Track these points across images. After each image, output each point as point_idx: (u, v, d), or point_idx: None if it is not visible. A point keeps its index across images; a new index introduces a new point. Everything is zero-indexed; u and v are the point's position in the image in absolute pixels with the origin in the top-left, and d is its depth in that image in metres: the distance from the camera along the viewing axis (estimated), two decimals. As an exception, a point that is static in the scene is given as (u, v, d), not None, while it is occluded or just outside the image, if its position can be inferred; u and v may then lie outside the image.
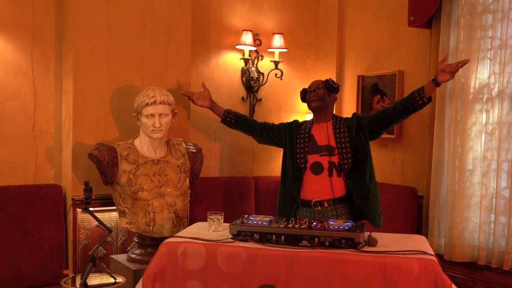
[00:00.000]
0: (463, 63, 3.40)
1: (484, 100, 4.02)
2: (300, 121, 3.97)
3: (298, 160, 3.69)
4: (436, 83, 3.43)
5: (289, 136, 3.84)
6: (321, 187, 3.64)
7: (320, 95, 3.70)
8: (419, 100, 3.45)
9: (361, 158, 3.64)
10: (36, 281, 3.97)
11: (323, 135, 3.71)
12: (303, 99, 3.85)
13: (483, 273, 3.98)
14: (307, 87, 3.84)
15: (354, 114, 3.83)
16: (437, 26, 4.32)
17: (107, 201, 3.96)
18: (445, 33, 4.25)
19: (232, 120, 4.00)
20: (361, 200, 3.62)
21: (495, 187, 3.91)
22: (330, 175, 3.62)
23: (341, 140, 3.65)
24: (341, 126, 3.70)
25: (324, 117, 3.74)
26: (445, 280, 2.60)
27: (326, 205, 3.62)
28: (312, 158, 3.67)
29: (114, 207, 3.89)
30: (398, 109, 3.57)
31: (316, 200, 3.63)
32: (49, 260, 4.02)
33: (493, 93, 3.94)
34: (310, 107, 3.80)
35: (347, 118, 3.79)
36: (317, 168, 3.66)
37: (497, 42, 3.95)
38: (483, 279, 3.98)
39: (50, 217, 4.07)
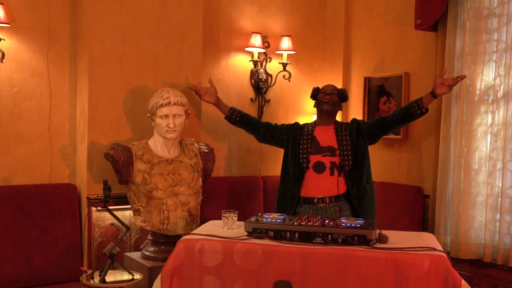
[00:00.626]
0: (461, 78, 3.73)
1: (490, 102, 4.10)
2: (301, 123, 4.11)
3: (300, 160, 3.83)
4: (434, 95, 3.71)
5: (291, 137, 3.97)
6: (323, 184, 3.80)
7: (333, 101, 3.90)
8: (417, 110, 3.72)
9: (360, 161, 3.82)
10: (52, 279, 4.03)
11: (326, 137, 3.88)
12: (314, 96, 3.98)
13: (489, 270, 4.06)
14: (319, 87, 3.99)
15: (353, 120, 4.02)
16: (443, 29, 4.40)
17: (120, 200, 4.01)
18: (451, 36, 4.33)
19: (237, 117, 4.11)
20: (357, 200, 3.80)
21: (500, 186, 4.00)
22: (332, 174, 3.79)
23: (342, 142, 3.82)
24: (343, 130, 3.89)
25: (328, 121, 3.94)
26: (455, 276, 2.68)
27: (328, 201, 3.77)
28: (315, 158, 3.82)
29: (128, 206, 3.97)
30: (397, 117, 3.82)
31: (319, 197, 3.77)
32: (65, 258, 4.09)
33: (498, 94, 4.02)
34: (320, 108, 3.93)
35: (347, 123, 3.99)
36: (319, 167, 3.81)
37: (502, 45, 4.03)
38: (488, 276, 4.06)
39: (66, 216, 4.13)
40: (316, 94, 3.96)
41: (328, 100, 3.87)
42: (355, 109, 5.27)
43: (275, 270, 2.86)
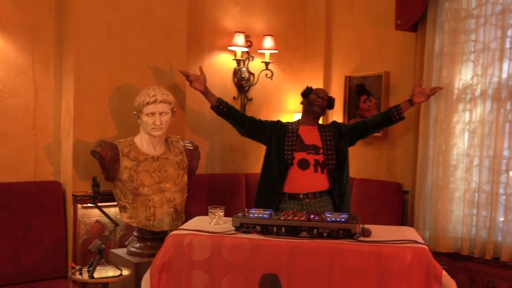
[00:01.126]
0: (439, 88, 3.97)
1: (467, 100, 4.22)
2: (283, 121, 4.20)
3: (285, 156, 3.91)
4: (411, 103, 3.95)
5: (275, 134, 4.05)
6: (308, 181, 3.90)
7: (324, 106, 4.06)
8: (396, 116, 3.93)
9: (342, 161, 3.95)
10: (37, 276, 4.03)
11: (310, 136, 3.98)
12: (305, 95, 4.08)
13: (466, 263, 4.19)
14: (312, 87, 4.12)
15: (334, 122, 4.18)
16: (422, 30, 4.50)
17: (106, 197, 4.01)
18: (430, 37, 4.44)
19: (224, 108, 4.11)
20: (339, 198, 3.92)
21: (477, 182, 4.13)
22: (316, 171, 3.89)
23: (327, 142, 3.95)
24: (326, 131, 4.02)
25: (313, 122, 4.10)
26: (437, 267, 2.77)
27: (312, 197, 3.88)
28: (299, 155, 3.92)
29: (113, 203, 3.98)
30: (376, 121, 4.05)
31: (305, 192, 3.87)
32: (50, 255, 4.09)
33: (475, 93, 4.14)
34: (310, 109, 4.04)
35: (329, 125, 4.15)
36: (304, 164, 3.91)
37: (480, 45, 4.15)
38: (465, 269, 4.19)
39: (51, 213, 4.14)
40: (308, 93, 4.06)
41: (320, 103, 4.00)
42: (335, 108, 5.28)
43: (262, 264, 2.91)
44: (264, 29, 5.43)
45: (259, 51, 5.25)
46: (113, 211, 4.11)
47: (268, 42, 5.14)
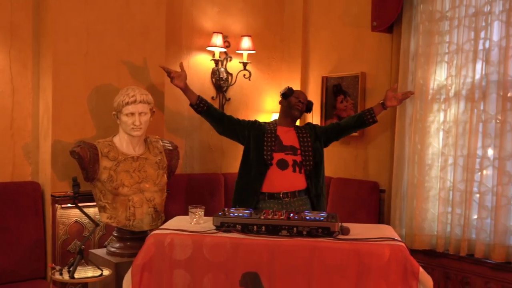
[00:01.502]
0: (410, 93, 4.13)
1: (442, 100, 4.30)
2: (260, 121, 4.25)
3: (265, 157, 3.93)
4: (384, 106, 4.06)
5: (253, 134, 4.07)
6: (287, 180, 3.94)
7: (303, 110, 4.11)
8: (370, 119, 4.02)
9: (318, 162, 4.00)
10: (16, 277, 3.98)
11: (288, 137, 4.03)
12: (286, 96, 4.08)
13: (441, 260, 4.28)
14: (292, 88, 4.12)
15: (309, 124, 4.26)
16: (398, 31, 4.57)
17: (85, 197, 3.96)
18: (406, 38, 4.50)
19: (204, 107, 4.08)
20: (315, 198, 3.97)
21: (451, 180, 4.21)
22: (294, 171, 3.93)
23: (304, 143, 4.00)
24: (304, 132, 4.06)
25: (290, 123, 4.13)
26: (414, 264, 2.83)
27: (291, 196, 3.91)
28: (278, 156, 3.95)
29: (92, 203, 3.96)
30: (350, 123, 4.16)
31: (284, 192, 3.90)
32: (28, 256, 4.05)
33: (450, 94, 4.22)
34: (290, 112, 4.07)
35: (304, 127, 4.19)
36: (283, 164, 3.94)
37: (454, 46, 4.23)
38: (441, 265, 4.28)
39: (29, 213, 4.10)
40: (289, 95, 4.06)
41: (300, 108, 4.05)
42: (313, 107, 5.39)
43: (243, 263, 2.94)
44: (242, 29, 5.45)
45: (237, 51, 5.27)
46: (92, 211, 4.05)
47: (246, 42, 5.16)
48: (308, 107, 4.15)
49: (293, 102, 4.05)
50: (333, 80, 5.20)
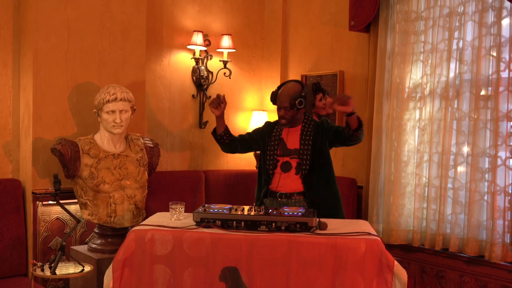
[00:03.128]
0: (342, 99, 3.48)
1: (417, 99, 4.36)
2: (271, 121, 4.05)
3: (267, 163, 3.82)
4: (349, 115, 3.51)
5: (262, 141, 3.93)
6: (287, 182, 3.79)
7: (290, 116, 3.74)
8: (348, 132, 3.58)
9: (319, 166, 3.77)
10: (-5, 273, 3.98)
11: (293, 138, 3.83)
12: (274, 101, 3.84)
13: (417, 254, 4.37)
14: (277, 89, 3.84)
15: (323, 121, 3.88)
16: (375, 31, 4.62)
17: (66, 194, 3.95)
18: (382, 37, 4.56)
19: (227, 140, 3.93)
20: (311, 204, 3.69)
21: (427, 177, 4.29)
22: (297, 173, 3.77)
23: (304, 146, 3.75)
24: (308, 133, 3.79)
25: (294, 124, 3.82)
26: (389, 258, 2.87)
27: (287, 197, 3.77)
28: (282, 159, 3.81)
29: (73, 200, 3.96)
30: (344, 136, 3.69)
31: (281, 192, 3.77)
32: (9, 252, 4.01)
33: (425, 92, 4.28)
34: (278, 115, 3.83)
35: (316, 123, 3.84)
36: (286, 167, 3.80)
37: (429, 46, 4.30)
38: (417, 260, 4.37)
39: (10, 211, 4.06)
40: (275, 98, 3.83)
41: (284, 117, 3.75)
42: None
43: (222, 257, 2.97)
44: (222, 28, 5.45)
45: (218, 50, 5.28)
46: (73, 208, 4.07)
47: (226, 41, 5.17)
48: (292, 107, 3.70)
49: (277, 110, 3.82)
50: (312, 78, 5.23)
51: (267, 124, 4.06)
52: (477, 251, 3.99)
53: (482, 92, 4.00)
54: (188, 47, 5.14)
